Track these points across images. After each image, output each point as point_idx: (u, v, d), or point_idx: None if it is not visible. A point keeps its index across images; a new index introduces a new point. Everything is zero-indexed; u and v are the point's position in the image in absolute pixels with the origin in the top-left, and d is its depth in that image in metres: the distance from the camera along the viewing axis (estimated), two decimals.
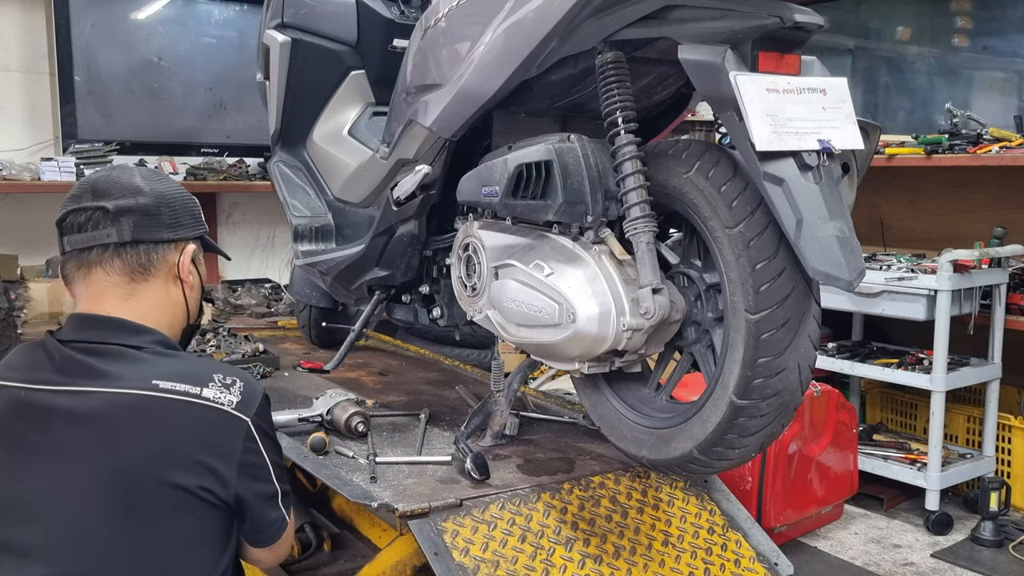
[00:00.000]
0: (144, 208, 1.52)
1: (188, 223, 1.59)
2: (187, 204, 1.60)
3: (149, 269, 1.53)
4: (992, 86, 4.33)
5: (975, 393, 3.92)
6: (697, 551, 2.04)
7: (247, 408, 1.47)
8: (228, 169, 4.71)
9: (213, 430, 1.44)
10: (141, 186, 1.53)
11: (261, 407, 1.50)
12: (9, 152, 4.25)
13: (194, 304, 1.63)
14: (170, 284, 1.56)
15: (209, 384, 1.45)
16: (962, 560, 3.22)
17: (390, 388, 2.80)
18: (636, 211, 1.74)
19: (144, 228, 1.51)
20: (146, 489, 1.39)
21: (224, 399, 1.45)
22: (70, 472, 1.39)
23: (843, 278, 1.51)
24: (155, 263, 1.53)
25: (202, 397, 1.43)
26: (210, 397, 1.44)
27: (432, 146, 2.17)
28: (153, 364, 1.46)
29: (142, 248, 1.52)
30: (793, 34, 1.59)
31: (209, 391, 1.44)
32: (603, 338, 1.76)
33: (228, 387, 1.46)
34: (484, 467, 1.99)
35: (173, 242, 1.56)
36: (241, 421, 1.45)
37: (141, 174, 1.58)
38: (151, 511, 1.39)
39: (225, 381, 1.47)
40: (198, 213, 1.63)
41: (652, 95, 2.03)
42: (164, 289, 1.55)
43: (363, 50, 2.70)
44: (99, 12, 4.39)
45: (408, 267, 2.45)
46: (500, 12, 1.90)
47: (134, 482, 1.39)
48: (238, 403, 1.46)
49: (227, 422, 1.45)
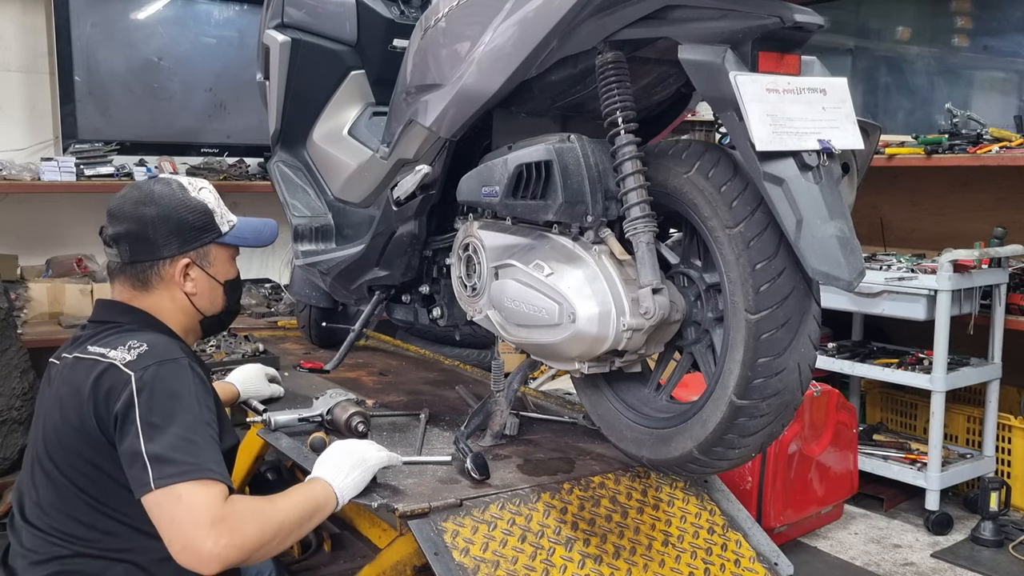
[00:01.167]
0: (136, 234, 1.75)
1: (182, 239, 1.77)
2: (182, 223, 1.77)
3: (147, 284, 1.78)
4: (992, 86, 4.33)
5: (975, 393, 3.91)
6: (697, 551, 2.04)
7: (136, 365, 1.58)
8: (228, 169, 4.70)
9: (105, 382, 1.58)
10: (137, 212, 1.75)
11: (159, 368, 1.58)
12: (9, 152, 4.25)
13: (205, 303, 1.84)
14: (173, 291, 1.79)
15: (119, 347, 1.62)
16: (962, 560, 3.21)
17: (390, 388, 2.80)
18: (636, 211, 1.74)
19: (138, 251, 1.76)
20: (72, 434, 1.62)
21: (119, 357, 1.60)
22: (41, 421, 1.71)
23: (843, 278, 1.51)
24: (151, 278, 1.78)
25: (107, 357, 1.61)
26: (112, 357, 1.60)
27: (432, 146, 2.17)
28: (105, 334, 1.68)
29: (139, 267, 1.77)
30: (793, 34, 1.59)
31: (115, 352, 1.61)
32: (603, 338, 1.76)
33: (130, 348, 1.61)
34: (484, 467, 1.99)
35: (170, 258, 1.77)
36: (125, 375, 1.57)
37: (145, 196, 1.77)
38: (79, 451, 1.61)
39: (134, 345, 1.62)
40: (200, 226, 1.79)
41: (652, 95, 2.03)
42: (168, 296, 1.79)
43: (363, 50, 2.70)
44: (99, 12, 4.38)
45: (408, 267, 2.45)
46: (500, 12, 1.90)
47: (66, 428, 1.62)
48: (130, 361, 1.59)
49: (114, 375, 1.58)
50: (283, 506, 1.61)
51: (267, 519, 1.55)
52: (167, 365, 1.60)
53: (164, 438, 1.52)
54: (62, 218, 4.32)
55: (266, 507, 1.58)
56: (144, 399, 1.55)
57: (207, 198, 1.83)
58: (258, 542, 1.51)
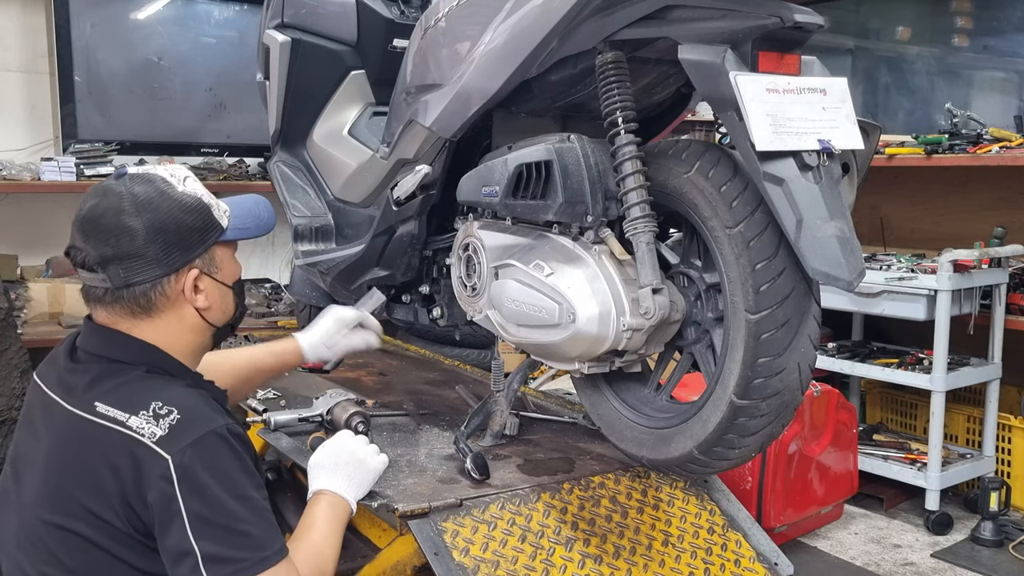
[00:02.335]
0: (129, 252, 1.42)
1: (184, 247, 1.46)
2: (181, 227, 1.45)
3: (151, 308, 1.47)
4: (992, 86, 4.33)
5: (975, 393, 3.91)
6: (697, 551, 2.04)
7: (171, 444, 1.33)
8: (228, 169, 4.70)
9: (129, 462, 1.34)
10: (124, 224, 1.42)
11: (198, 446, 1.35)
12: (9, 152, 4.25)
13: (217, 315, 1.55)
14: (183, 310, 1.50)
15: (140, 412, 1.36)
16: (962, 560, 3.21)
17: (390, 388, 2.80)
18: (636, 211, 1.74)
19: (135, 271, 1.43)
20: (72, 509, 1.38)
21: (147, 431, 1.35)
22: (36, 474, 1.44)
23: (843, 278, 1.51)
24: (156, 301, 1.46)
25: (126, 426, 1.36)
26: (133, 427, 1.35)
27: (432, 146, 2.17)
28: (110, 381, 1.42)
29: (139, 289, 1.45)
30: (793, 34, 1.59)
31: (136, 419, 1.36)
32: (603, 338, 1.76)
33: (160, 417, 1.36)
34: (484, 467, 1.99)
35: (175, 272, 1.47)
36: (160, 458, 1.33)
37: (126, 206, 1.43)
38: (76, 530, 1.37)
39: (160, 411, 1.36)
40: (201, 226, 1.48)
41: (652, 95, 2.03)
42: (177, 314, 1.50)
43: (363, 50, 2.70)
44: (99, 12, 4.38)
45: (408, 267, 2.45)
46: (500, 12, 1.90)
47: (65, 499, 1.38)
48: (162, 437, 1.34)
49: (143, 456, 1.34)
50: (328, 546, 1.52)
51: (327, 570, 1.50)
52: (207, 440, 1.36)
53: (217, 532, 1.33)
54: (62, 218, 4.31)
55: (319, 559, 1.49)
56: (187, 488, 1.32)
57: (196, 189, 1.51)
58: None
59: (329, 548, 1.53)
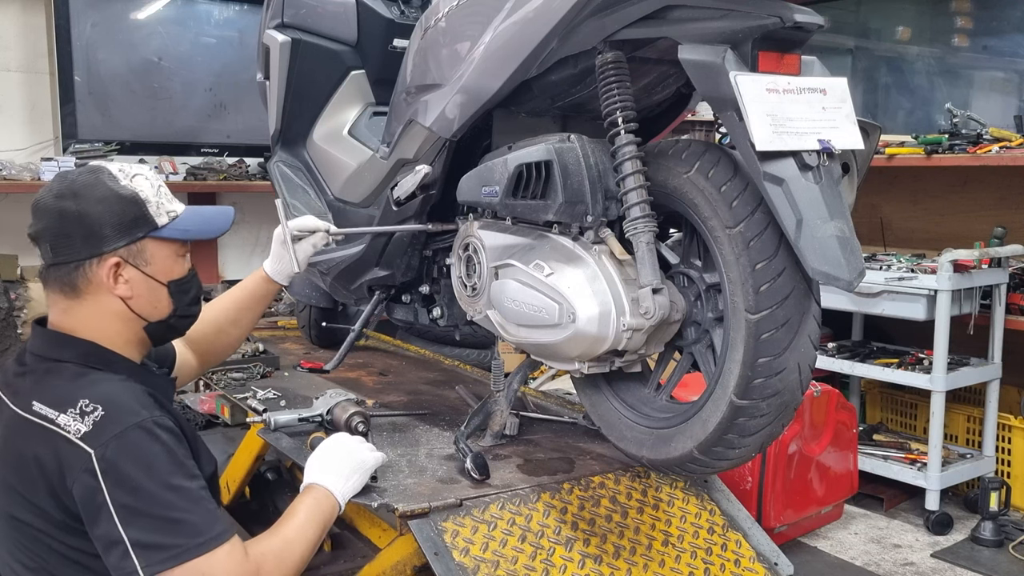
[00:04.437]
0: (55, 231, 1.51)
1: (108, 235, 1.51)
2: (109, 216, 1.50)
3: (76, 289, 1.53)
4: (992, 86, 4.33)
5: (975, 393, 3.91)
6: (697, 551, 2.04)
7: (94, 439, 1.38)
8: (228, 169, 4.71)
9: (56, 458, 1.39)
10: (57, 206, 1.51)
11: (122, 439, 1.39)
12: (9, 152, 4.25)
13: (145, 307, 1.57)
14: (106, 296, 1.53)
15: (68, 410, 1.41)
16: (962, 560, 3.21)
17: (390, 388, 2.80)
18: (636, 211, 1.74)
19: (61, 250, 1.51)
20: (17, 500, 1.44)
21: (72, 427, 1.39)
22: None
23: (843, 278, 1.51)
24: (79, 282, 1.52)
25: (56, 424, 1.41)
26: (61, 424, 1.40)
27: (432, 146, 2.17)
28: (47, 381, 1.48)
29: (63, 270, 1.52)
30: (793, 34, 1.59)
31: (64, 417, 1.41)
32: (603, 338, 1.76)
33: (85, 414, 1.40)
34: (484, 467, 1.99)
35: (96, 257, 1.51)
36: (83, 453, 1.37)
37: (65, 188, 1.52)
38: (26, 520, 1.44)
39: (86, 408, 1.41)
40: (129, 219, 1.52)
41: (652, 95, 2.03)
42: (102, 301, 1.54)
43: (363, 50, 2.71)
44: (99, 12, 4.39)
45: (408, 267, 2.45)
46: (500, 12, 1.90)
47: (10, 492, 1.45)
48: (86, 433, 1.38)
49: (69, 452, 1.38)
50: (299, 538, 1.56)
51: (290, 559, 1.52)
52: (130, 434, 1.39)
53: (146, 520, 1.37)
54: None
55: (284, 548, 1.52)
56: (112, 481, 1.36)
57: (140, 186, 1.55)
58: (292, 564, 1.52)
59: (300, 540, 1.56)
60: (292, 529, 1.58)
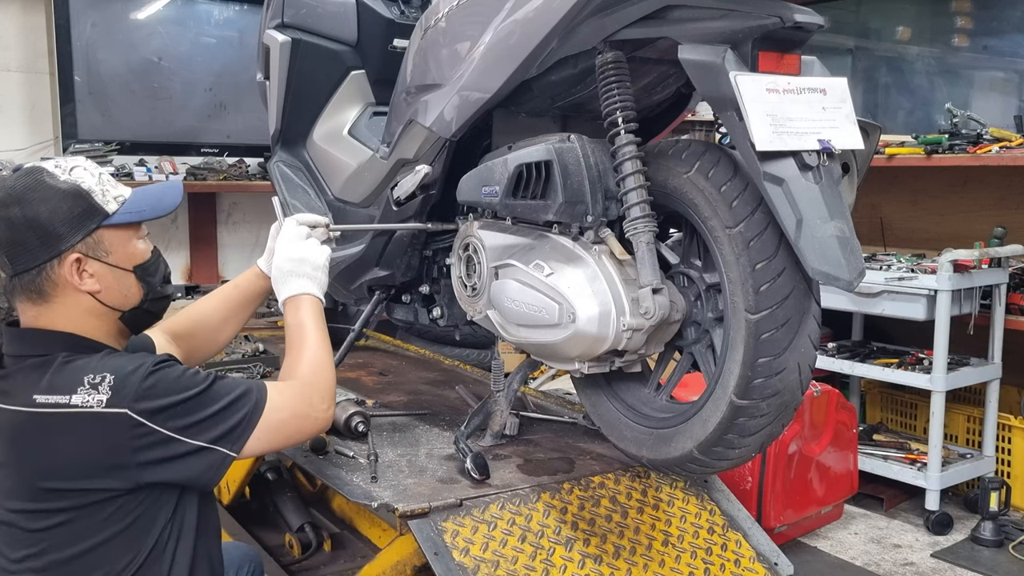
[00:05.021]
0: (7, 241, 1.49)
1: (62, 233, 1.49)
2: (56, 215, 1.49)
3: (43, 294, 1.51)
4: (992, 86, 4.33)
5: (975, 393, 3.91)
6: (697, 551, 2.04)
7: (120, 398, 1.43)
8: (228, 169, 4.71)
9: (93, 438, 1.43)
10: (2, 216, 1.48)
11: (143, 388, 1.44)
12: (9, 152, 4.25)
13: (115, 297, 1.56)
14: (75, 294, 1.52)
15: (78, 390, 1.43)
16: (962, 560, 3.21)
17: (390, 388, 2.80)
18: (636, 211, 1.74)
19: (19, 259, 1.50)
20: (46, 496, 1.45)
21: (92, 400, 1.43)
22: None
23: (843, 278, 1.51)
24: (44, 287, 1.51)
25: (71, 405, 1.43)
26: (79, 403, 1.42)
27: (432, 146, 2.17)
28: (41, 374, 1.47)
29: (27, 277, 1.50)
30: (793, 34, 1.59)
31: (77, 396, 1.43)
32: (603, 338, 1.76)
33: (96, 386, 1.44)
34: (484, 467, 2.00)
35: (55, 258, 1.50)
36: (117, 416, 1.42)
37: (4, 198, 1.49)
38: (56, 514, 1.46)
39: (94, 380, 1.44)
40: (78, 213, 1.51)
41: (652, 95, 2.03)
42: (72, 300, 1.53)
43: (363, 50, 2.71)
44: (99, 12, 4.38)
45: (408, 267, 2.45)
46: (500, 12, 1.90)
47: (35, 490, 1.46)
48: (109, 399, 1.42)
49: (102, 425, 1.42)
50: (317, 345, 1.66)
51: (321, 364, 1.64)
52: (148, 379, 1.45)
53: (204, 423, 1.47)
54: None
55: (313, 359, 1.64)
56: (159, 419, 1.43)
57: (81, 177, 1.53)
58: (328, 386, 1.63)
59: (320, 346, 1.67)
60: (310, 342, 1.66)
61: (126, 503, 1.47)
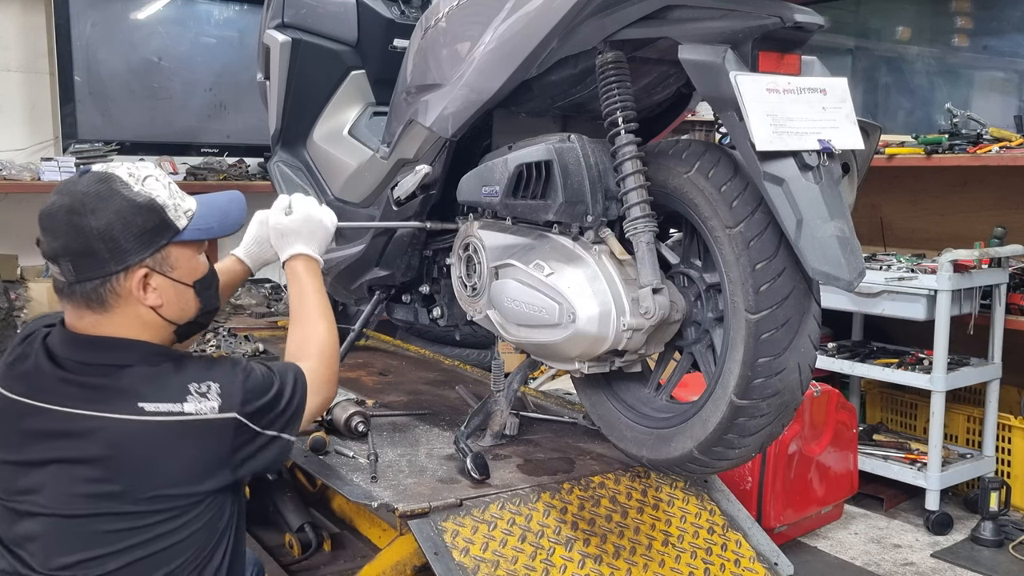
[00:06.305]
0: (78, 250, 1.46)
1: (133, 248, 1.48)
2: (131, 227, 1.48)
3: (104, 304, 1.50)
4: (992, 86, 4.33)
5: (975, 393, 3.91)
6: (697, 551, 2.04)
7: (230, 404, 1.49)
8: (228, 169, 4.71)
9: (204, 440, 1.49)
10: (74, 223, 1.46)
11: (242, 393, 1.51)
12: (9, 152, 4.25)
13: (174, 312, 1.57)
14: (136, 307, 1.52)
15: (187, 398, 1.47)
16: (962, 560, 3.21)
17: (390, 388, 2.80)
18: (636, 211, 1.74)
19: (84, 268, 1.48)
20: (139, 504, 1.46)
21: (205, 407, 1.48)
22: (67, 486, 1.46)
23: (843, 278, 1.51)
24: (107, 297, 1.49)
25: (184, 413, 1.46)
26: (192, 411, 1.47)
27: (432, 146, 2.17)
28: (138, 383, 1.48)
29: (90, 285, 1.48)
30: (793, 34, 1.59)
31: (189, 405, 1.47)
32: (603, 338, 1.76)
33: (204, 395, 1.48)
34: (484, 467, 2.00)
35: (123, 271, 1.49)
36: (228, 420, 1.49)
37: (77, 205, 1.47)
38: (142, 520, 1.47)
39: (200, 389, 1.49)
40: (152, 227, 1.50)
41: (652, 95, 2.03)
42: (132, 311, 1.52)
43: (363, 50, 2.71)
44: (99, 12, 4.38)
45: (408, 267, 2.45)
46: (500, 12, 1.90)
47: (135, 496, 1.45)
48: (220, 406, 1.49)
49: (215, 427, 1.49)
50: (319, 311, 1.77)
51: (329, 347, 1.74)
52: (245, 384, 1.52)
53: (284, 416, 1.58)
54: None
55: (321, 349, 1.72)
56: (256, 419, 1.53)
57: (155, 190, 1.52)
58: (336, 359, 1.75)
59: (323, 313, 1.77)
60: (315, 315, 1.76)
61: (213, 500, 1.53)
